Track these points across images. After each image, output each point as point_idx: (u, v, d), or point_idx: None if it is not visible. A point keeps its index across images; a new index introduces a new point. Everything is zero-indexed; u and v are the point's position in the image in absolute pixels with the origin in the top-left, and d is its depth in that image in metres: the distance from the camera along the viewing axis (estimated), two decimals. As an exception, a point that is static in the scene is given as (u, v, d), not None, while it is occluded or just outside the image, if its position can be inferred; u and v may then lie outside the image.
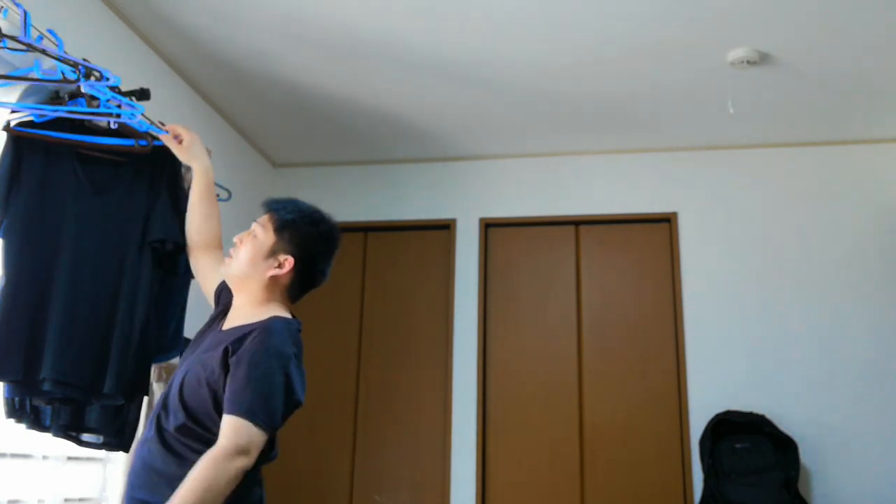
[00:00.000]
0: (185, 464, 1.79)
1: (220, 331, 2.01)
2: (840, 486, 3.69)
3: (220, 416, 1.82)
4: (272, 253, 2.00)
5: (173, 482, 1.76)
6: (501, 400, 4.11)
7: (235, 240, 2.07)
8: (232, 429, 1.77)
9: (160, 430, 1.88)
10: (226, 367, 1.86)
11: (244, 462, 1.76)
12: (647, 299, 4.12)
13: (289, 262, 2.00)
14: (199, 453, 1.79)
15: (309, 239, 2.03)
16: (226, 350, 1.87)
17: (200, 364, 1.90)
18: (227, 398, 1.81)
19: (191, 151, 2.35)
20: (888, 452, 3.70)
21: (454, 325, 4.21)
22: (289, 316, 2.02)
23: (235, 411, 1.78)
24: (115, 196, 2.44)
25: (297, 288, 2.06)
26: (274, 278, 2.01)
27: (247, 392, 1.80)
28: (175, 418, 1.86)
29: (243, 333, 1.89)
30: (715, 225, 4.12)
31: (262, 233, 2.03)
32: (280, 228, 2.02)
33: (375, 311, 4.37)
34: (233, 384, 1.82)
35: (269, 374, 1.83)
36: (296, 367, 1.90)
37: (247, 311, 2.01)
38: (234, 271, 2.04)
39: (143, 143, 2.42)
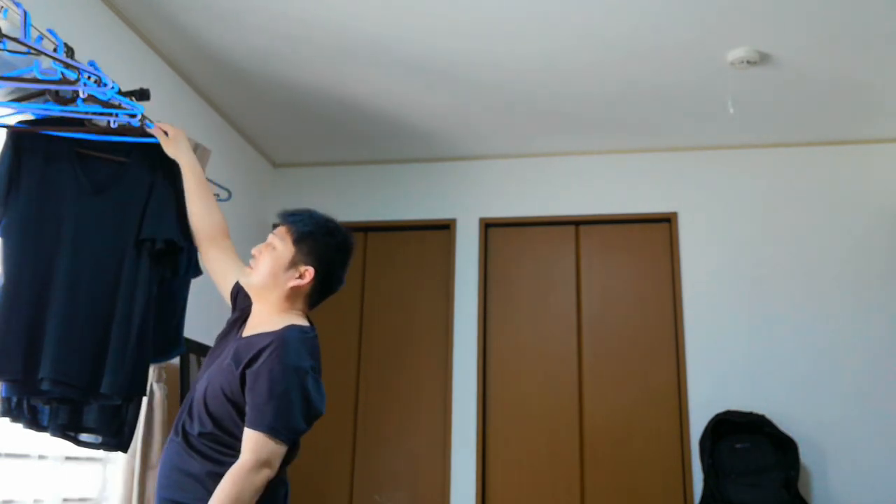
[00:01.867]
0: (213, 463, 1.91)
1: (240, 338, 2.05)
2: (840, 486, 3.69)
3: (242, 421, 1.91)
4: (292, 264, 2.06)
5: (202, 479, 1.88)
6: (501, 400, 4.11)
7: (254, 252, 2.11)
8: (255, 444, 1.86)
9: (185, 434, 1.96)
10: (242, 380, 1.91)
11: (267, 474, 1.86)
12: (647, 299, 4.12)
13: (309, 272, 2.06)
14: (226, 455, 1.90)
15: (327, 249, 2.09)
16: (245, 363, 1.92)
17: (222, 374, 1.95)
18: (248, 413, 1.89)
19: (177, 145, 2.40)
20: (888, 452, 3.70)
21: (454, 325, 4.21)
22: (305, 324, 2.08)
23: (258, 427, 1.86)
24: (115, 196, 2.44)
25: (316, 296, 2.13)
26: (295, 288, 2.07)
27: (268, 409, 1.87)
28: (201, 425, 1.94)
29: (261, 347, 1.93)
30: (715, 225, 4.12)
31: (280, 245, 2.07)
32: (299, 240, 2.07)
33: (375, 311, 4.37)
34: (254, 399, 1.88)
35: (288, 391, 1.90)
36: (313, 379, 1.97)
37: (266, 318, 2.06)
38: (254, 282, 2.08)
39: (132, 121, 2.37)
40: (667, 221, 4.20)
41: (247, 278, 2.10)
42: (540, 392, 4.09)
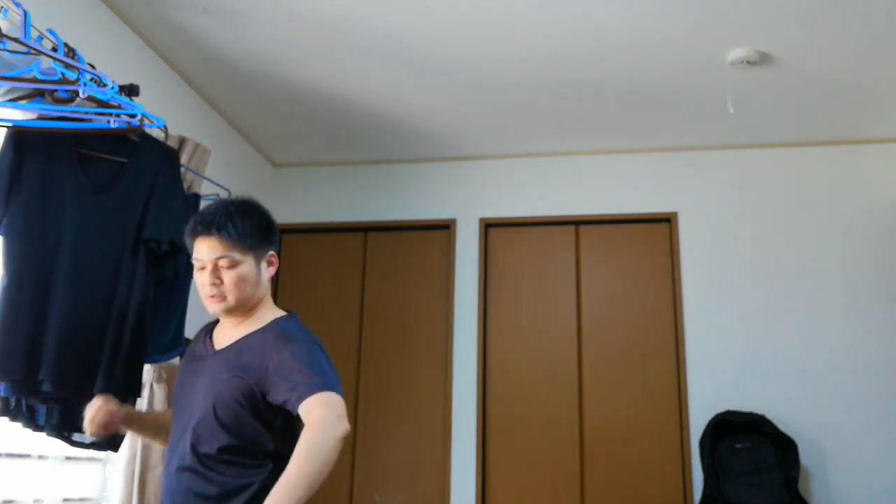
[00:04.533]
0: (240, 469, 1.85)
1: (224, 350, 1.97)
2: (840, 486, 3.69)
3: (262, 425, 1.87)
4: (258, 265, 2.02)
5: (230, 494, 1.83)
6: (501, 400, 4.11)
7: (211, 281, 1.97)
8: (320, 404, 1.77)
9: (200, 457, 1.86)
10: (260, 381, 1.86)
11: (346, 426, 1.76)
12: (647, 299, 4.12)
13: (274, 257, 2.06)
14: (252, 459, 1.86)
15: (268, 228, 2.06)
16: (254, 364, 1.88)
17: (229, 386, 1.88)
18: (293, 391, 1.81)
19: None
20: (888, 452, 3.70)
21: (454, 325, 4.21)
22: (283, 312, 2.06)
23: (314, 391, 1.79)
24: (115, 195, 2.44)
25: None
26: (271, 278, 2.07)
27: (313, 375, 1.82)
28: (217, 440, 1.86)
29: (265, 343, 1.91)
30: (715, 225, 4.12)
31: (238, 259, 1.97)
32: (250, 242, 1.99)
33: (375, 311, 4.37)
34: (293, 377, 1.82)
35: (317, 357, 1.89)
36: (325, 352, 1.97)
37: (241, 319, 2.02)
38: (235, 305, 1.98)
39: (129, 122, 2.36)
40: (667, 221, 4.20)
41: (221, 306, 1.97)
42: (540, 392, 4.09)
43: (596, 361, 4.09)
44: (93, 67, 2.34)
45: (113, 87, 2.26)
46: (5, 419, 2.30)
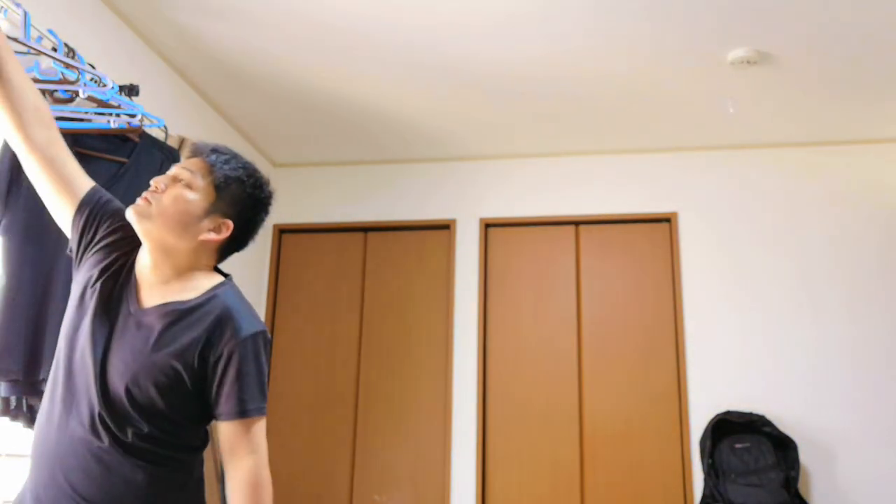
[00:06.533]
0: (165, 461, 1.61)
1: (157, 312, 1.62)
2: (840, 485, 3.69)
3: (186, 419, 1.63)
4: (208, 213, 1.67)
5: (146, 488, 1.57)
6: (501, 400, 4.11)
7: (155, 183, 1.67)
8: (254, 436, 1.61)
9: (116, 439, 1.57)
10: (190, 368, 1.59)
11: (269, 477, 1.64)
12: (647, 299, 4.12)
13: (227, 226, 1.69)
14: (172, 449, 1.62)
15: (253, 203, 1.75)
16: (188, 349, 1.59)
17: (153, 369, 1.58)
18: (229, 404, 1.60)
19: None
20: (888, 452, 3.70)
21: (454, 325, 4.22)
22: (219, 277, 1.73)
23: (249, 414, 1.60)
24: (115, 195, 2.43)
25: (223, 254, 1.75)
26: (205, 242, 1.68)
27: (254, 391, 1.62)
28: (135, 426, 1.57)
29: (208, 326, 1.61)
30: (715, 225, 4.13)
31: (198, 184, 1.67)
32: (223, 186, 1.69)
33: (375, 311, 4.37)
34: (234, 388, 1.60)
35: (261, 362, 1.65)
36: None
37: (172, 275, 1.67)
38: (155, 225, 1.63)
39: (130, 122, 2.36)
40: (667, 221, 4.20)
41: (137, 214, 1.63)
42: (540, 392, 4.09)
43: (596, 361, 4.09)
44: (93, 67, 2.34)
45: (113, 87, 2.26)
46: (5, 419, 2.30)
